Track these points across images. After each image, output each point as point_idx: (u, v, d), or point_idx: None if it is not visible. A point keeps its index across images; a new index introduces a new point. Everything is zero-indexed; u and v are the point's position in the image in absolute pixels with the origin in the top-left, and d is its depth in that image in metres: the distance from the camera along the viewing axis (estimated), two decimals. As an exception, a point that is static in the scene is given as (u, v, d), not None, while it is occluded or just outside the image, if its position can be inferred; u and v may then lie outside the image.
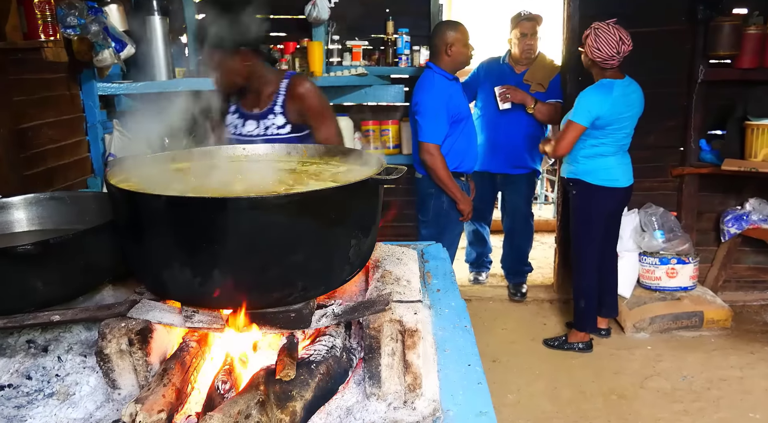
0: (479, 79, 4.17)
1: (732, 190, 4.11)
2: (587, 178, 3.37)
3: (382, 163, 1.30)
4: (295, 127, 2.29)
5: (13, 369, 1.30)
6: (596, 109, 3.18)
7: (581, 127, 3.21)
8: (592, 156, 3.33)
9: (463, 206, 3.38)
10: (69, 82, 2.85)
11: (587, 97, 3.21)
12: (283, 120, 2.27)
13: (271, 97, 2.28)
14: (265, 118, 2.28)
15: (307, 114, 2.27)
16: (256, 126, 2.29)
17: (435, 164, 3.25)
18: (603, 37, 3.13)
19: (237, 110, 2.35)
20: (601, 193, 3.38)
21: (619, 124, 3.25)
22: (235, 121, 2.34)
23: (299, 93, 2.26)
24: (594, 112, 3.18)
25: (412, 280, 1.38)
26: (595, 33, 3.16)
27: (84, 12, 2.46)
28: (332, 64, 3.98)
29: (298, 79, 2.30)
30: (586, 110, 3.19)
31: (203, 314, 1.21)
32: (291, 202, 1.10)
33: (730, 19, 3.69)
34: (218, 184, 1.34)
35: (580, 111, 3.20)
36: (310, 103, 2.27)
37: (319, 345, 1.21)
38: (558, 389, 3.23)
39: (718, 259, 4.21)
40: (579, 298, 3.58)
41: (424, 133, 3.27)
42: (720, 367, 3.40)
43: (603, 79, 3.23)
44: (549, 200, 6.48)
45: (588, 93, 3.22)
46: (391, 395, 1.16)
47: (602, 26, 3.16)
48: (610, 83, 3.21)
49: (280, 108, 2.26)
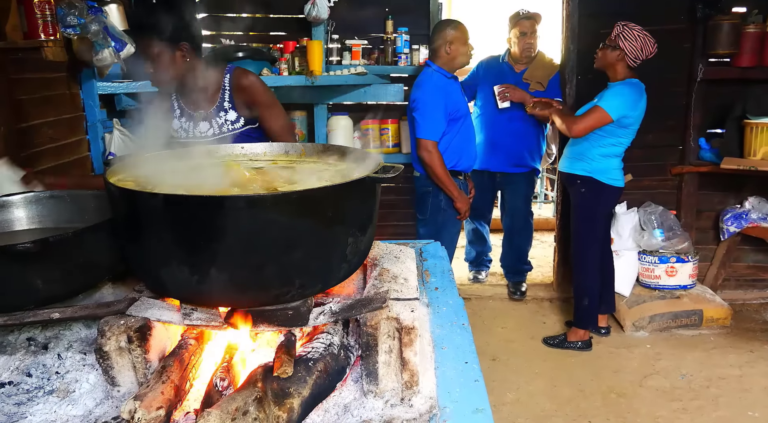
0: (479, 78, 4.17)
1: (731, 189, 4.12)
2: (599, 176, 3.37)
3: (380, 162, 1.30)
4: (247, 120, 2.25)
5: (14, 366, 1.31)
6: (629, 107, 3.20)
7: (609, 118, 3.20)
8: (608, 155, 3.34)
9: (460, 204, 3.37)
10: (69, 81, 2.86)
11: (624, 92, 3.20)
12: (235, 114, 2.23)
13: (216, 93, 2.22)
14: (216, 116, 2.22)
15: (255, 106, 2.23)
16: (209, 126, 2.22)
17: (432, 161, 3.25)
18: (641, 36, 3.15)
19: (182, 113, 2.27)
20: (609, 191, 3.40)
21: (637, 125, 3.29)
22: (184, 124, 2.26)
23: (244, 85, 2.21)
24: (627, 109, 3.19)
25: (409, 278, 1.39)
26: (632, 32, 3.17)
27: (84, 12, 2.47)
28: (332, 63, 3.99)
29: (240, 72, 2.25)
30: (620, 104, 3.19)
31: (202, 312, 1.21)
32: (288, 201, 1.10)
33: (729, 17, 3.70)
34: (217, 182, 1.35)
35: (615, 104, 3.19)
36: (256, 94, 2.22)
37: (317, 342, 1.21)
38: (557, 388, 3.23)
39: (718, 258, 4.22)
40: (582, 296, 3.58)
41: (421, 130, 3.27)
42: (719, 365, 3.41)
43: (632, 79, 3.24)
44: (549, 199, 6.48)
45: (624, 89, 3.21)
46: (389, 392, 1.16)
47: (635, 26, 3.18)
48: (640, 84, 3.23)
49: (228, 103, 2.22)
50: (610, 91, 3.24)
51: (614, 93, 3.22)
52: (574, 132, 3.29)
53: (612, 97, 3.21)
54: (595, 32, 3.75)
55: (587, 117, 3.24)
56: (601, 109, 3.20)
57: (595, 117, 3.22)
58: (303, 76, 3.66)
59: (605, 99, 3.22)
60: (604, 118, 3.20)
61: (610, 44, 3.25)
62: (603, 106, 3.20)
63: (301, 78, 3.65)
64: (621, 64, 3.24)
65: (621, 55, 3.21)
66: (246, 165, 1.53)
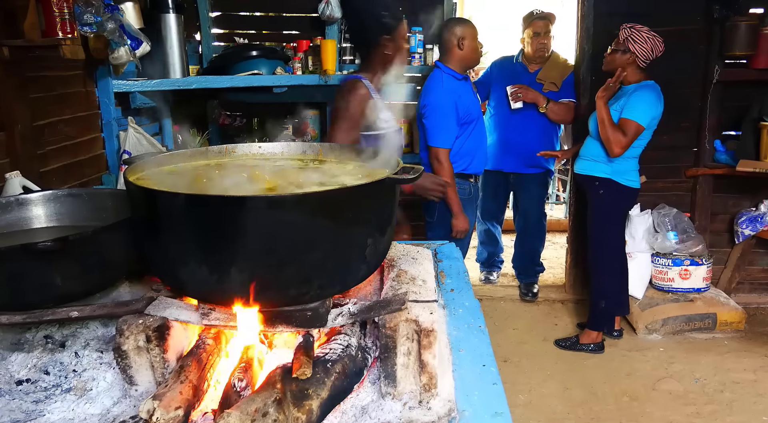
0: (492, 78, 4.15)
1: (747, 192, 4.08)
2: (619, 178, 3.34)
3: (399, 163, 1.30)
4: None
5: (31, 364, 1.31)
6: (655, 110, 3.19)
7: (642, 127, 3.17)
8: (626, 156, 3.31)
9: (458, 223, 3.19)
10: (85, 79, 2.87)
11: (647, 97, 3.18)
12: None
13: None
14: None
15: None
16: None
17: (441, 172, 3.13)
18: (650, 38, 3.15)
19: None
20: (627, 193, 3.38)
21: (655, 126, 3.27)
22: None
23: None
24: (653, 112, 3.18)
25: (427, 280, 1.38)
26: (640, 34, 3.16)
27: (101, 10, 2.47)
28: (345, 62, 3.98)
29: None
30: (647, 110, 3.17)
31: (220, 312, 1.21)
32: (308, 201, 1.10)
33: (747, 18, 3.65)
34: (236, 182, 1.35)
35: (643, 111, 3.16)
36: None
37: (335, 344, 1.21)
38: (569, 390, 3.22)
39: (732, 261, 4.18)
40: (599, 298, 3.55)
41: (432, 137, 3.17)
42: (733, 369, 3.38)
43: (648, 81, 3.23)
44: (561, 200, 6.45)
45: (646, 94, 3.19)
46: (407, 395, 1.16)
47: (642, 27, 3.17)
48: (656, 86, 3.22)
49: None
50: (631, 98, 3.20)
51: (637, 99, 3.18)
52: (618, 153, 3.23)
53: (636, 104, 3.18)
54: (610, 32, 3.71)
55: (625, 135, 3.19)
56: (633, 122, 3.17)
57: (632, 133, 3.19)
58: (316, 75, 3.66)
59: (631, 109, 3.18)
60: (639, 130, 3.18)
61: (619, 48, 3.22)
62: (632, 117, 3.17)
63: (315, 77, 3.64)
64: (632, 67, 3.22)
65: (632, 58, 3.20)
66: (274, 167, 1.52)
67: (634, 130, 3.18)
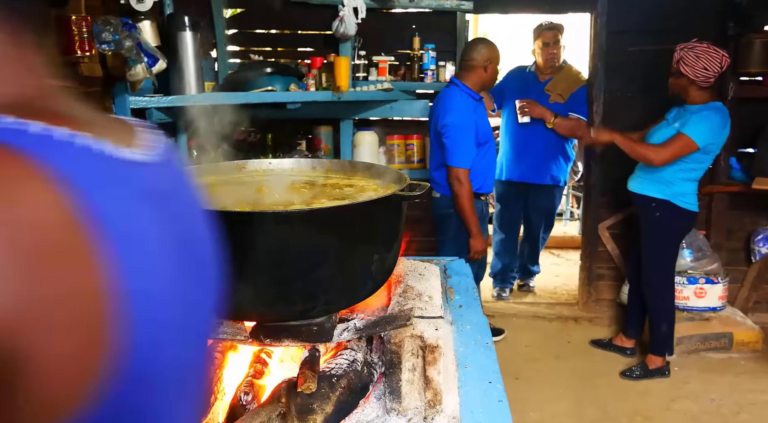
0: (506, 87, 4.21)
1: (763, 209, 4.03)
2: (676, 200, 3.23)
3: (406, 179, 1.31)
4: None
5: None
6: (716, 134, 3.09)
7: (695, 146, 3.06)
8: (687, 179, 3.22)
9: (476, 243, 3.21)
10: (103, 96, 2.92)
11: (710, 118, 3.07)
12: None
13: None
14: None
15: None
16: None
17: (461, 192, 3.13)
18: (704, 55, 3.05)
19: None
20: (685, 216, 3.28)
21: (719, 150, 3.21)
22: None
23: None
24: (713, 136, 3.08)
25: (434, 296, 1.39)
26: (691, 54, 3.07)
27: (119, 28, 2.53)
28: (358, 79, 4.02)
29: None
30: (706, 131, 3.06)
31: (227, 326, 1.22)
32: (315, 217, 1.11)
33: (762, 35, 3.64)
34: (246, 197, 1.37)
35: (702, 132, 3.06)
36: None
37: (341, 359, 1.22)
38: (582, 408, 3.18)
39: (749, 280, 4.12)
40: (660, 322, 3.45)
41: (453, 158, 3.15)
42: (750, 390, 3.32)
43: (715, 103, 3.14)
44: (575, 217, 6.41)
45: (710, 115, 3.08)
46: (411, 411, 1.16)
47: (696, 44, 3.09)
48: (724, 109, 3.12)
49: None
50: (695, 117, 3.10)
51: (699, 119, 3.08)
52: (658, 162, 3.14)
53: (697, 123, 3.08)
54: (623, 50, 3.73)
55: (672, 145, 3.10)
56: (687, 138, 3.06)
57: (680, 145, 3.08)
58: (330, 91, 3.69)
59: (690, 125, 3.08)
60: (690, 146, 3.07)
61: (674, 72, 3.16)
62: (688, 133, 3.07)
63: (328, 93, 3.68)
64: (693, 88, 3.13)
65: (687, 80, 3.11)
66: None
67: (681, 144, 3.07)
